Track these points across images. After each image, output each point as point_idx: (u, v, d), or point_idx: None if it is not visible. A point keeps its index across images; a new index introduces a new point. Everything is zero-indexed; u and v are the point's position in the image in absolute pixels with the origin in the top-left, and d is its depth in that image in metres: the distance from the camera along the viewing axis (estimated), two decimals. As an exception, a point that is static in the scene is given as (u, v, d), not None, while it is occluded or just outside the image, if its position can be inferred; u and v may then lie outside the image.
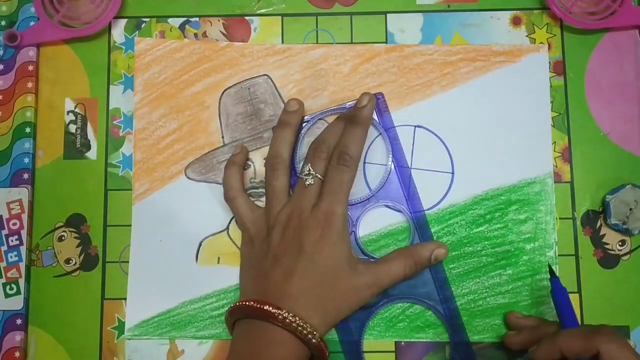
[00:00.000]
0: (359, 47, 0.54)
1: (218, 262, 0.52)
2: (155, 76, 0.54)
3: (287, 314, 0.43)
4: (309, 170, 0.48)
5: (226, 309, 0.50)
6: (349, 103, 0.52)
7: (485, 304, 0.51)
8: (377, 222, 0.52)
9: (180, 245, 0.52)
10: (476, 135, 0.53)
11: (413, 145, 0.53)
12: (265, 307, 0.43)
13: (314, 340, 0.43)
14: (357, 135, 0.48)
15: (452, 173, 0.52)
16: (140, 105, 0.54)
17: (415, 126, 0.53)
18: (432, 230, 0.52)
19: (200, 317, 0.51)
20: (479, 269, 0.51)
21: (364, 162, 0.52)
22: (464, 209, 0.52)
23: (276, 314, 0.43)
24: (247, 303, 0.44)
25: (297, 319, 0.43)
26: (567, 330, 0.44)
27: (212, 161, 0.53)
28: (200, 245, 0.52)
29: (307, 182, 0.48)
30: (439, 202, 0.52)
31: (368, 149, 0.52)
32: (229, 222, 0.52)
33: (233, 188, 0.50)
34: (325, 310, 0.45)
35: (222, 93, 0.54)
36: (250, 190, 0.52)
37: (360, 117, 0.48)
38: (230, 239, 0.52)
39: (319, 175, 0.48)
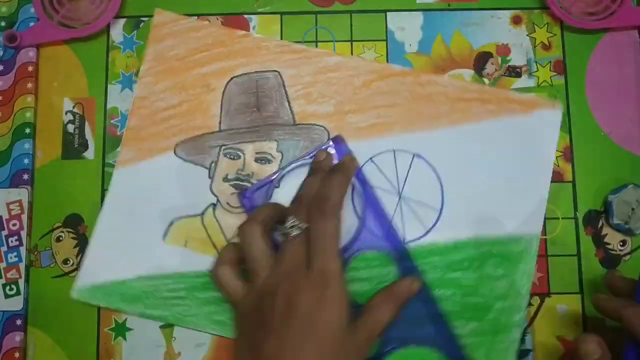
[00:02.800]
0: (376, 64, 0.53)
1: (185, 245, 0.51)
2: (167, 49, 0.54)
3: None
4: (293, 221, 0.44)
5: (181, 293, 0.50)
6: (313, 152, 0.52)
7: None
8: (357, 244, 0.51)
9: (151, 220, 0.51)
10: (473, 178, 0.51)
11: (408, 173, 0.52)
12: None
13: None
14: (338, 182, 0.45)
15: (440, 210, 0.51)
16: (146, 74, 0.53)
17: (414, 154, 0.52)
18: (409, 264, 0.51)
19: (152, 295, 0.50)
20: (454, 313, 0.50)
21: None
22: (444, 250, 0.50)
23: None
24: None
25: None
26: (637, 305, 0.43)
27: (204, 144, 0.52)
28: (171, 224, 0.51)
29: (293, 234, 0.44)
30: (420, 237, 0.51)
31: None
32: (205, 208, 0.52)
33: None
34: None
35: (230, 80, 0.53)
36: (235, 182, 0.52)
37: (342, 166, 0.48)
38: (203, 225, 0.51)
39: (304, 225, 0.44)
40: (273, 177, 0.51)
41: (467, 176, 0.52)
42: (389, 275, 0.50)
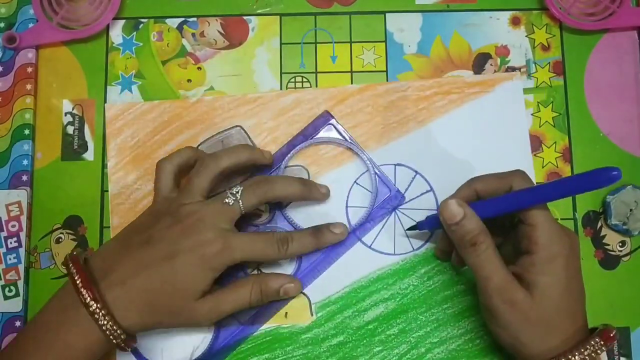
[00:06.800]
0: (331, 89, 0.53)
1: None
2: (127, 140, 0.53)
3: (100, 311, 0.41)
4: (237, 192, 0.45)
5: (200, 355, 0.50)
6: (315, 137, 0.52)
7: (483, 342, 0.49)
8: (366, 266, 0.51)
9: None
10: (457, 169, 0.52)
11: (394, 184, 0.52)
12: (84, 293, 0.41)
13: (120, 342, 0.42)
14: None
15: (437, 210, 0.51)
16: (115, 170, 0.53)
17: (395, 165, 0.52)
18: (422, 270, 0.51)
19: None
20: (474, 307, 0.50)
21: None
22: None
23: (90, 304, 0.41)
24: (76, 274, 0.42)
25: (110, 322, 0.41)
26: (481, 175, 0.45)
27: None
28: None
29: (226, 200, 0.45)
30: (427, 241, 0.51)
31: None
32: None
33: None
34: (149, 317, 0.43)
35: (196, 148, 0.52)
36: None
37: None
38: None
39: (241, 204, 0.45)
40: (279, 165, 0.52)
41: (452, 169, 0.52)
42: (408, 289, 0.51)
